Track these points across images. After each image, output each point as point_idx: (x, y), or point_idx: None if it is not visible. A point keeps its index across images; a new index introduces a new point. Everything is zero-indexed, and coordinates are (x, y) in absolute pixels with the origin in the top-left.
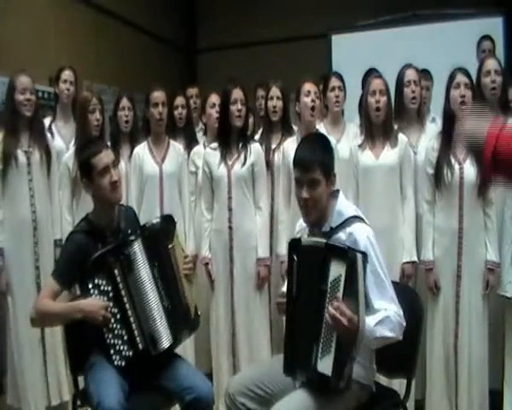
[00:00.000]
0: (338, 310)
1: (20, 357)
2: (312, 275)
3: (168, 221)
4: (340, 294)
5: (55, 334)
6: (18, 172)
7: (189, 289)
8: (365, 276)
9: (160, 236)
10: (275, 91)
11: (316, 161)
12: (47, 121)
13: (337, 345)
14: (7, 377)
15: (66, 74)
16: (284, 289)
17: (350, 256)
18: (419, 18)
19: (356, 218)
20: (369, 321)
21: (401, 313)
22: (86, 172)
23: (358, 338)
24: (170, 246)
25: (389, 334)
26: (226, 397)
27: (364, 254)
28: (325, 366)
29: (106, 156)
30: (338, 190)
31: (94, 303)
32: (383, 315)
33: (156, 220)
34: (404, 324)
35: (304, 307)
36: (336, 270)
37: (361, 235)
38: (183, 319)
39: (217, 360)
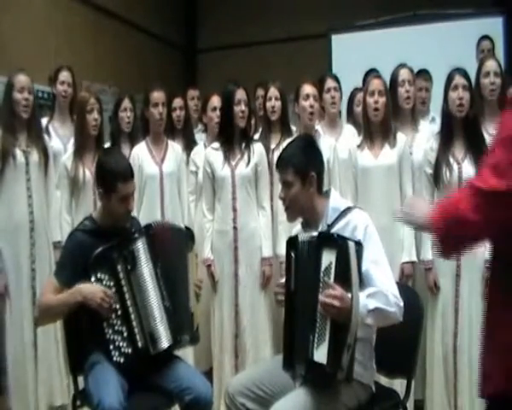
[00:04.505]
0: (329, 296)
1: (14, 360)
2: (308, 269)
3: (189, 232)
4: (331, 279)
5: (49, 338)
6: (16, 171)
7: (196, 304)
8: (360, 263)
9: (168, 237)
10: (273, 92)
11: (288, 162)
12: (44, 121)
13: (331, 331)
14: (7, 378)
15: (64, 75)
16: (283, 281)
17: (340, 243)
18: (419, 18)
19: (350, 208)
20: (360, 295)
21: (397, 293)
22: (105, 187)
23: (353, 318)
24: (189, 254)
25: (384, 307)
26: (226, 397)
27: (358, 243)
28: (321, 354)
29: (131, 186)
30: (329, 189)
31: (93, 286)
32: (375, 289)
33: (179, 225)
34: (402, 304)
35: (300, 302)
36: (327, 258)
37: (359, 219)
38: (185, 324)
39: (219, 360)
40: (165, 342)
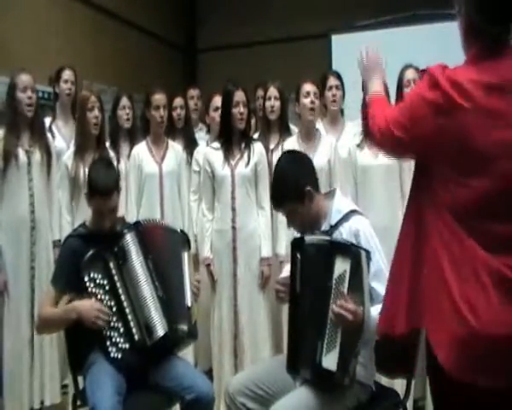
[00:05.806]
0: (342, 308)
1: (10, 357)
2: (317, 273)
3: (184, 235)
4: (345, 289)
5: (43, 337)
6: (18, 171)
7: (194, 303)
8: (369, 271)
9: (160, 234)
10: (272, 91)
11: (281, 197)
12: (47, 121)
13: (342, 340)
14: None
15: (67, 74)
16: (282, 275)
17: (354, 252)
18: (419, 18)
19: (354, 212)
20: (373, 311)
21: None
22: (89, 193)
23: (364, 330)
24: (185, 253)
25: None
26: (226, 397)
27: (368, 252)
28: (330, 361)
29: (106, 204)
30: (335, 189)
31: (88, 303)
32: None
33: (174, 227)
34: None
35: (309, 306)
36: (341, 266)
37: (360, 226)
38: (181, 314)
39: (219, 360)
40: (160, 330)
